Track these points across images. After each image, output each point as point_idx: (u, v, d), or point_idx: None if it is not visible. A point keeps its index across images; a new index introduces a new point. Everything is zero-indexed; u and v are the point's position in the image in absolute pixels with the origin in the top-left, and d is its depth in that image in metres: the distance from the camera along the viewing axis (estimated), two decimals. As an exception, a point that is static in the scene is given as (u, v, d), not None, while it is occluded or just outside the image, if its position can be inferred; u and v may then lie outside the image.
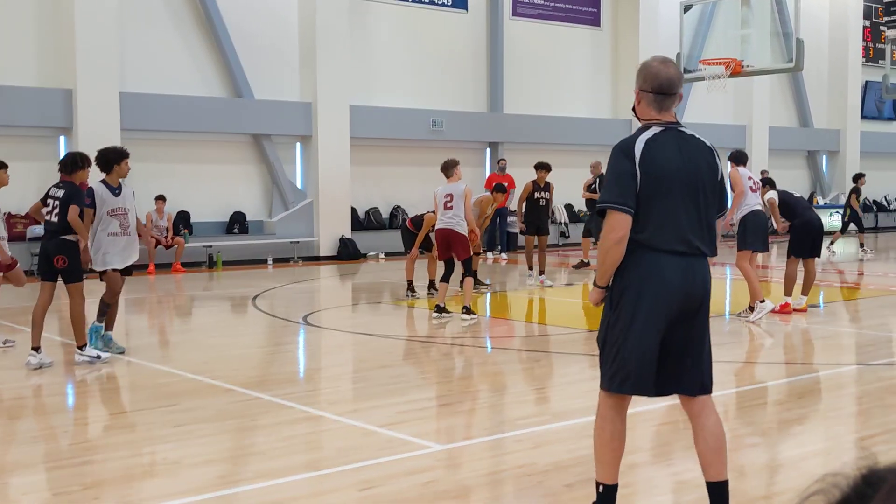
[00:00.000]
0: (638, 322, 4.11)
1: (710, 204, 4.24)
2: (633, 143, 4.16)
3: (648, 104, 4.25)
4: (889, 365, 8.60)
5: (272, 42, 19.91)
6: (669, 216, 4.12)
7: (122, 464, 5.55)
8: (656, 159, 4.11)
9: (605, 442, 4.31)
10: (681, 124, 4.31)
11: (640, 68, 4.31)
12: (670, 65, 4.29)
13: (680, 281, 4.11)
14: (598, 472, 4.38)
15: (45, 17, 17.29)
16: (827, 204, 29.26)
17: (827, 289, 15.04)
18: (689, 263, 4.15)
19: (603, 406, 4.32)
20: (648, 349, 4.12)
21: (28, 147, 17.16)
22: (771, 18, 17.99)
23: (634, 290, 4.13)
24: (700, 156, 4.23)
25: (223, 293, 15.07)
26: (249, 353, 9.57)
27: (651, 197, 4.10)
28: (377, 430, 6.17)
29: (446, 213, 11.51)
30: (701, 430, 4.28)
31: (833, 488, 1.01)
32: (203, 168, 19.32)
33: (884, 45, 27.37)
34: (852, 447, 5.97)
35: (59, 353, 9.61)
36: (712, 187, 4.25)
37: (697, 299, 4.19)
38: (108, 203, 8.94)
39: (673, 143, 4.18)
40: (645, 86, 4.26)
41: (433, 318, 11.26)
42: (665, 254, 4.12)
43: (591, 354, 9.05)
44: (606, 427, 4.29)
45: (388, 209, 21.76)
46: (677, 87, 4.26)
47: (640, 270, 4.12)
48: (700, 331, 4.24)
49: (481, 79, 23.16)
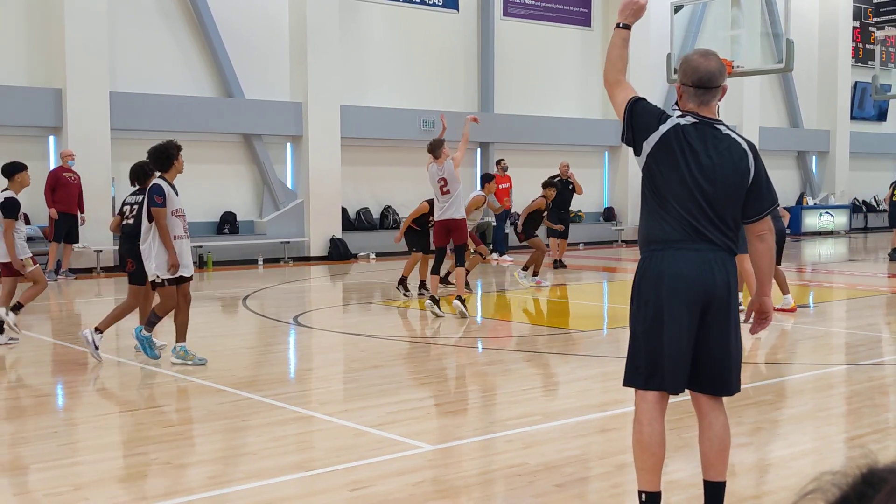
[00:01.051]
0: (661, 318, 4.05)
1: (735, 204, 4.11)
2: (664, 117, 4.16)
3: (689, 98, 4.17)
4: (879, 365, 8.64)
5: (263, 42, 19.88)
6: (686, 212, 4.05)
7: (113, 464, 5.54)
8: (676, 149, 4.06)
9: (644, 446, 4.14)
10: (720, 121, 4.22)
11: (681, 62, 4.23)
12: (711, 58, 4.19)
13: (697, 274, 4.03)
14: (639, 479, 4.21)
15: (34, 16, 17.23)
16: (817, 205, 29.37)
17: (817, 289, 15.10)
18: (706, 258, 4.06)
19: (638, 408, 4.19)
20: (676, 344, 4.04)
21: (17, 147, 17.07)
22: (761, 19, 18.03)
23: (653, 286, 4.09)
24: (728, 155, 4.10)
25: (213, 293, 15.04)
26: (240, 353, 9.55)
27: (668, 191, 4.07)
28: (368, 431, 6.17)
29: (443, 199, 11.54)
30: (708, 429, 4.21)
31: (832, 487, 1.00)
32: (193, 168, 19.18)
33: (873, 46, 27.46)
34: (842, 447, 6.00)
35: (49, 352, 9.59)
36: (738, 188, 4.10)
37: (718, 294, 4.07)
38: (173, 203, 8.37)
39: (700, 137, 4.09)
40: (685, 80, 4.17)
41: (427, 308, 11.27)
42: (682, 249, 4.06)
43: (582, 355, 9.06)
44: (644, 430, 4.14)
45: (379, 209, 21.74)
46: (718, 80, 4.15)
47: (657, 265, 4.09)
48: (726, 327, 4.13)
49: (472, 79, 23.17)
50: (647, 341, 4.11)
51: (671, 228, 4.08)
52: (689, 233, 4.06)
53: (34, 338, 10.31)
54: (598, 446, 5.94)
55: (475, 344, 10.29)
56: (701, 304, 4.05)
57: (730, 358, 4.15)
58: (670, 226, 4.08)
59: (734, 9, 17.53)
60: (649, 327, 4.10)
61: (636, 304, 4.20)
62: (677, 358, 4.06)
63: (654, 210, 4.16)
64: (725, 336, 4.13)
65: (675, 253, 4.06)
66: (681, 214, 4.06)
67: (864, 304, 13.08)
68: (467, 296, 13.16)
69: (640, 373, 4.14)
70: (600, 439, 6.12)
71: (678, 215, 4.07)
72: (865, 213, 31.04)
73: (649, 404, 4.14)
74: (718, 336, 4.11)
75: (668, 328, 4.05)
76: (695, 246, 4.06)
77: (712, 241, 4.07)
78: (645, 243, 4.22)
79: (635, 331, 4.20)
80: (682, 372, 4.09)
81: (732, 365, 4.17)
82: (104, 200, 17.31)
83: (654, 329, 4.08)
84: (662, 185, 4.10)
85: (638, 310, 4.17)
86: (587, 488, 5.08)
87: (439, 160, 11.61)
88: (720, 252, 4.09)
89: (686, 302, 4.03)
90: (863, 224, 30.77)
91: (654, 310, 4.08)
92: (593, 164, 25.14)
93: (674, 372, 4.07)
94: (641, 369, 4.14)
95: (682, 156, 4.06)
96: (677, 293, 4.03)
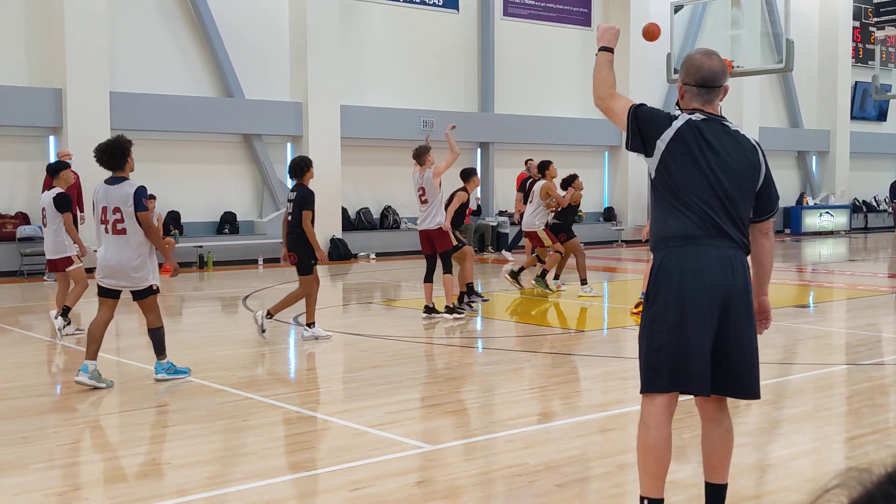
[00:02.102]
0: (685, 316, 3.93)
1: (748, 200, 4.06)
2: (673, 116, 4.07)
3: (692, 98, 4.14)
4: (879, 365, 8.63)
5: (263, 42, 19.88)
6: (705, 207, 3.96)
7: (112, 464, 5.54)
8: (691, 144, 3.99)
9: (650, 450, 4.03)
10: (725, 118, 4.19)
11: (684, 61, 4.18)
12: (714, 57, 4.15)
13: (719, 272, 3.94)
14: (642, 485, 4.11)
15: (34, 16, 17.23)
16: (817, 205, 29.36)
17: (817, 289, 15.10)
18: (726, 255, 3.97)
19: (645, 411, 4.07)
20: (701, 343, 3.93)
21: (17, 147, 17.11)
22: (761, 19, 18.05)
23: (675, 284, 3.96)
24: (741, 151, 4.06)
25: (214, 293, 15.04)
26: (240, 353, 9.55)
27: (684, 186, 3.98)
28: (368, 431, 6.16)
29: (422, 208, 11.39)
30: (713, 432, 4.16)
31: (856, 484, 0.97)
32: (193, 168, 19.29)
33: (873, 46, 27.46)
34: (842, 447, 6.00)
35: (49, 352, 9.59)
36: (751, 184, 4.07)
37: (738, 292, 3.98)
38: None
39: (713, 133, 4.04)
40: (688, 79, 4.13)
41: (423, 319, 11.26)
42: (702, 245, 3.96)
43: (582, 355, 9.06)
44: (651, 434, 4.03)
45: (379, 209, 21.75)
46: (721, 79, 4.13)
47: (677, 263, 3.97)
48: (746, 328, 4.04)
49: (472, 79, 23.17)
50: (671, 342, 3.96)
51: (692, 223, 3.97)
52: (709, 228, 3.96)
53: (34, 337, 10.31)
54: (599, 446, 5.93)
55: (475, 344, 10.28)
56: (721, 303, 3.95)
57: (752, 359, 4.06)
58: (691, 220, 3.97)
59: (734, 9, 17.53)
60: (672, 326, 3.95)
61: (655, 306, 4.04)
62: (703, 357, 3.94)
63: (670, 205, 4.03)
64: (746, 337, 4.04)
65: (697, 248, 3.96)
66: (701, 209, 3.96)
67: (864, 304, 13.07)
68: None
69: (663, 375, 3.98)
70: (600, 439, 6.12)
71: (699, 209, 3.96)
72: (865, 213, 31.05)
73: (658, 408, 4.02)
74: (739, 337, 4.01)
75: (692, 327, 3.92)
76: (715, 242, 3.96)
77: (731, 238, 3.99)
78: (661, 240, 4.08)
79: (654, 334, 4.03)
80: (707, 372, 3.95)
81: (755, 367, 4.07)
82: (104, 200, 17.28)
83: (678, 328, 3.94)
84: (681, 179, 3.99)
85: (658, 312, 4.02)
86: (587, 488, 5.07)
87: (422, 168, 11.39)
88: (738, 250, 4.02)
89: (709, 300, 3.93)
90: (863, 224, 30.77)
91: (677, 309, 3.95)
92: (593, 164, 25.14)
93: (702, 372, 3.94)
94: (664, 371, 3.98)
95: (700, 150, 3.99)
96: (700, 291, 3.92)
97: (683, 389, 4.00)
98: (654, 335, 4.04)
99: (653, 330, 4.05)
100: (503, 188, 23.12)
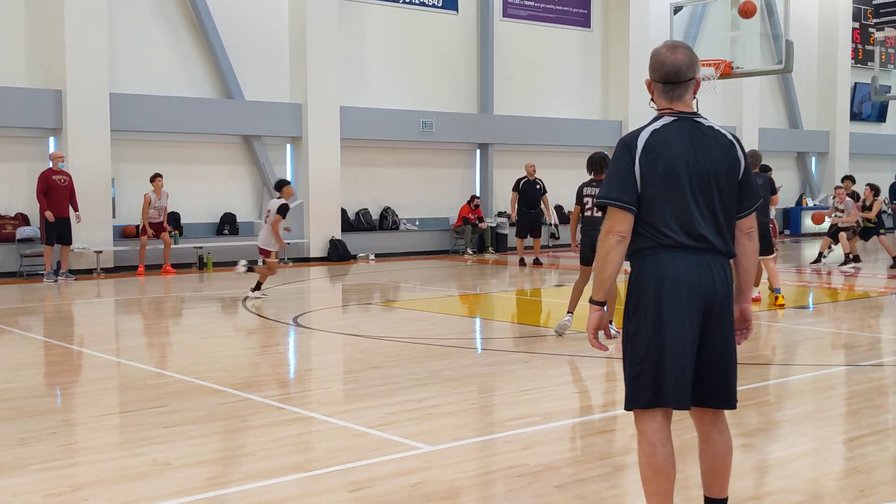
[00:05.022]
0: (663, 326, 3.78)
1: (727, 200, 3.89)
2: (638, 135, 3.87)
3: (660, 94, 3.95)
4: (878, 366, 8.64)
5: (262, 43, 19.89)
6: (680, 211, 3.80)
7: (112, 465, 5.54)
8: (662, 151, 3.81)
9: (660, 469, 3.83)
10: (699, 114, 3.97)
11: (650, 57, 4.02)
12: (678, 50, 3.93)
13: (696, 278, 3.79)
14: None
15: (34, 17, 17.24)
16: (816, 205, 29.36)
17: (816, 290, 15.10)
18: (704, 260, 3.82)
19: (647, 428, 3.87)
20: (680, 354, 3.78)
21: (17, 148, 17.12)
22: (761, 20, 18.08)
23: (652, 293, 3.81)
24: (716, 148, 3.88)
25: (213, 294, 15.04)
26: (239, 354, 9.55)
27: (659, 192, 3.81)
28: (367, 431, 6.17)
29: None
30: (711, 446, 4.00)
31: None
32: (193, 169, 19.29)
33: (873, 47, 27.49)
34: (842, 448, 6.00)
35: (48, 352, 9.59)
36: (729, 182, 3.89)
37: (719, 298, 3.84)
38: None
39: (683, 133, 3.86)
40: (653, 75, 3.95)
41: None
42: (679, 251, 3.80)
43: (582, 355, 9.06)
44: (658, 452, 3.83)
45: (379, 210, 21.75)
46: (686, 73, 3.89)
47: (654, 271, 3.82)
48: (726, 336, 3.89)
49: (471, 80, 23.18)
50: (650, 354, 3.82)
51: (667, 229, 3.82)
52: (684, 232, 3.81)
53: (33, 338, 10.31)
54: (598, 447, 5.93)
55: (475, 344, 10.29)
56: (702, 310, 3.81)
57: (731, 369, 3.93)
58: (667, 226, 3.82)
59: (734, 10, 17.55)
60: (651, 338, 3.82)
61: (635, 317, 3.89)
62: (681, 369, 3.78)
63: (646, 212, 3.85)
64: (726, 345, 3.89)
65: (672, 255, 3.81)
66: (676, 214, 3.81)
67: (864, 304, 13.08)
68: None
69: (646, 390, 3.83)
70: (600, 440, 6.12)
71: (673, 215, 3.82)
72: (865, 213, 31.00)
73: (658, 423, 3.85)
74: (719, 345, 3.87)
75: (669, 336, 3.78)
76: (693, 247, 3.81)
77: (709, 241, 3.83)
78: (637, 249, 3.91)
79: (636, 346, 3.88)
80: (688, 384, 3.81)
81: (733, 377, 3.94)
82: (104, 201, 17.30)
83: (656, 339, 3.81)
84: (652, 184, 3.82)
85: (638, 323, 3.88)
86: (587, 489, 5.07)
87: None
88: (718, 255, 3.86)
89: (688, 308, 3.78)
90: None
91: (654, 318, 3.81)
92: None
93: (679, 385, 3.79)
94: (647, 386, 3.83)
95: (668, 156, 3.82)
96: (678, 298, 3.78)
97: (665, 404, 3.84)
98: (635, 348, 3.90)
99: (634, 343, 3.90)
100: (502, 189, 23.11)
